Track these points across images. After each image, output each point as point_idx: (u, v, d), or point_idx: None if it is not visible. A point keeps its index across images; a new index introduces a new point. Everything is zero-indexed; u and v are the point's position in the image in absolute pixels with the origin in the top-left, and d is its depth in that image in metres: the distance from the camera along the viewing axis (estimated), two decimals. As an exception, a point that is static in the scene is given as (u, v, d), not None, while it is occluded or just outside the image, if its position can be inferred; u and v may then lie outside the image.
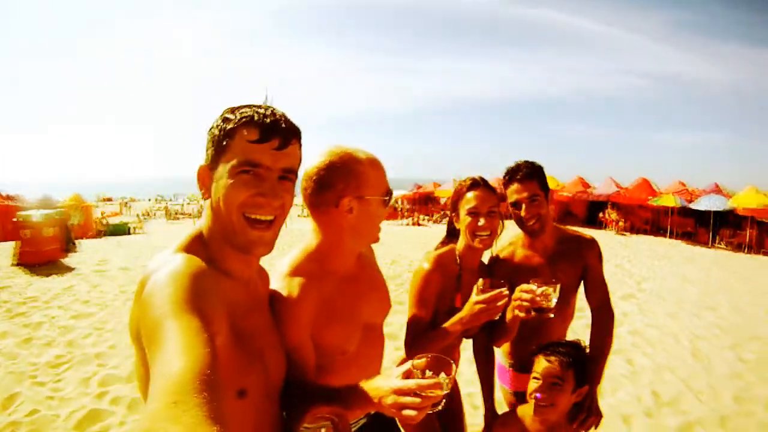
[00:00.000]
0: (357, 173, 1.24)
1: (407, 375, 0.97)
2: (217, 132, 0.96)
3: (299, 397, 1.13)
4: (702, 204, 17.56)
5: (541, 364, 1.65)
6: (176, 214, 29.19)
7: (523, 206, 1.88)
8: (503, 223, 1.81)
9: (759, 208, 15.97)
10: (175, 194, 46.88)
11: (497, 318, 1.61)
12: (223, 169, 0.95)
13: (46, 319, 5.99)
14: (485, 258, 2.01)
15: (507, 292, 1.53)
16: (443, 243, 1.94)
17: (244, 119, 0.94)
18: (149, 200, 44.85)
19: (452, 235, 1.91)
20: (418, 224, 22.14)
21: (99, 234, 17.83)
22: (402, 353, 1.84)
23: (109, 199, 42.91)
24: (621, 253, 13.54)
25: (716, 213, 17.22)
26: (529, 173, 1.88)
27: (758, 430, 3.61)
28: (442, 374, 0.97)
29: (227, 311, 0.92)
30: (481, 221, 1.71)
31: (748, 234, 16.61)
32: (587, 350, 1.74)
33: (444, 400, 0.94)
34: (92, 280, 8.53)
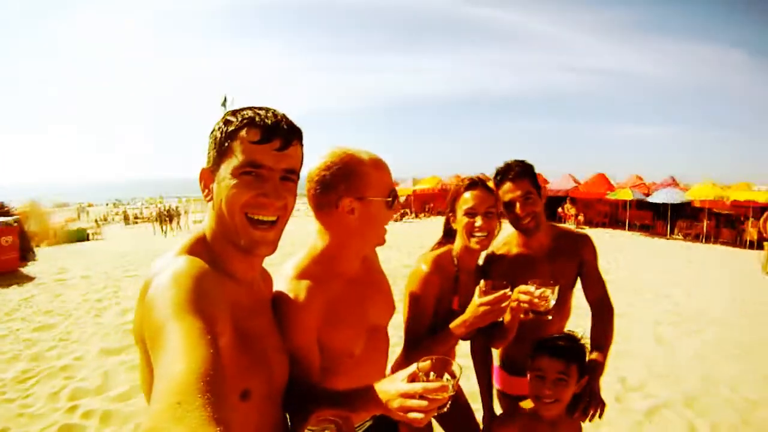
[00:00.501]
0: (358, 174, 1.23)
1: (412, 378, 0.97)
2: (218, 134, 0.96)
3: (304, 400, 1.12)
4: (659, 197, 18.25)
5: (543, 360, 1.60)
6: (134, 218, 28.47)
7: (518, 205, 1.85)
8: (501, 224, 1.79)
9: (715, 200, 16.69)
10: (133, 198, 45.60)
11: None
12: (225, 171, 0.95)
13: (9, 332, 5.73)
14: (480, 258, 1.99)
15: (510, 293, 1.52)
16: (440, 244, 1.92)
17: (245, 121, 0.94)
18: (106, 205, 43.68)
19: (449, 235, 1.88)
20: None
21: (57, 241, 17.18)
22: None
23: (65, 205, 41.30)
24: None
25: (673, 205, 17.93)
26: (521, 171, 1.86)
27: (724, 408, 3.79)
28: (447, 376, 0.97)
29: (230, 313, 0.92)
30: (479, 222, 1.69)
31: (705, 225, 17.38)
32: (583, 340, 1.72)
33: (449, 403, 0.94)
34: (53, 289, 8.22)
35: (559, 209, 20.97)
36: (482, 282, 1.54)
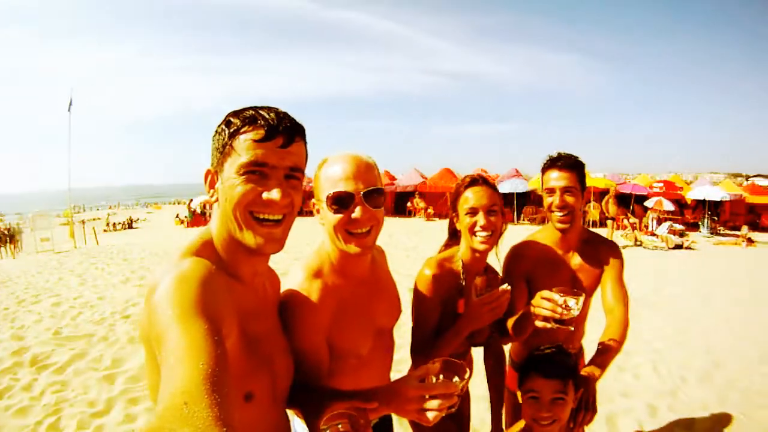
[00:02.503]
0: (318, 178, 1.26)
1: (422, 379, 1.02)
2: (221, 134, 0.96)
3: (316, 398, 1.12)
4: (505, 187, 20.14)
5: (536, 381, 1.51)
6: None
7: (557, 194, 1.82)
8: (506, 222, 1.73)
9: (605, 186, 18.39)
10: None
11: (503, 316, 1.59)
12: (229, 171, 0.95)
13: None
14: (499, 256, 1.89)
15: (508, 288, 1.52)
16: (446, 245, 1.87)
17: (247, 120, 0.94)
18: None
19: (454, 236, 1.82)
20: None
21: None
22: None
23: None
24: (436, 237, 14.68)
25: (518, 194, 20.11)
26: (570, 164, 1.83)
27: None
28: (456, 378, 1.02)
29: (236, 315, 0.93)
30: (481, 220, 1.63)
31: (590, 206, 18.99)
32: (572, 351, 1.64)
33: (458, 403, 0.99)
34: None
35: (408, 204, 22.42)
36: (477, 279, 1.54)
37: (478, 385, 2.34)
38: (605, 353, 1.68)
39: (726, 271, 10.31)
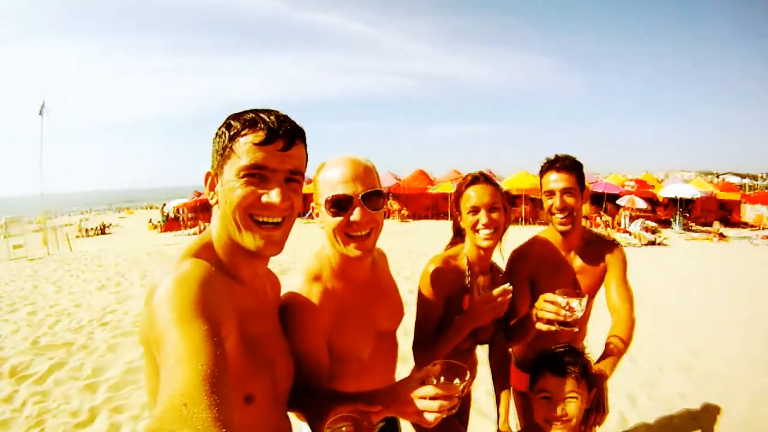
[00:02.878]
0: (317, 181, 1.27)
1: (423, 381, 1.02)
2: (221, 137, 0.96)
3: (319, 401, 1.12)
4: None
5: (549, 381, 1.48)
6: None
7: (557, 196, 1.82)
8: (509, 219, 1.73)
9: (531, 188, 19.02)
10: None
11: (508, 315, 1.59)
12: (229, 174, 0.95)
13: None
14: (503, 254, 1.89)
15: (510, 287, 1.52)
16: (451, 244, 1.88)
17: (247, 123, 0.94)
18: None
19: (459, 235, 1.84)
20: (205, 232, 21.14)
21: None
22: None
23: None
24: (407, 238, 15.29)
25: None
26: (568, 165, 1.83)
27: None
28: (457, 380, 1.02)
29: (236, 317, 0.93)
30: (484, 218, 1.63)
31: (523, 209, 19.93)
32: (585, 350, 1.59)
33: (458, 404, 0.99)
34: None
35: None
36: (481, 278, 1.56)
37: (484, 381, 2.37)
38: (613, 352, 1.67)
39: (699, 265, 10.60)
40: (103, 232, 24.09)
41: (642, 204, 17.62)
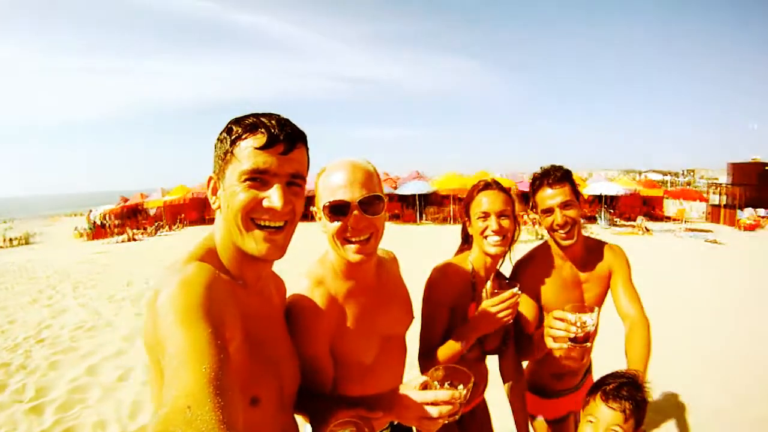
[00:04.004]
0: (317, 186, 1.27)
1: (425, 386, 1.02)
2: (223, 142, 0.97)
3: (322, 405, 1.14)
4: (407, 189, 20.56)
5: (600, 408, 1.40)
6: None
7: (557, 212, 1.76)
8: (519, 227, 1.71)
9: (459, 188, 19.28)
10: None
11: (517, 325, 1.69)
12: (230, 178, 0.95)
13: None
14: (508, 265, 1.85)
15: (518, 292, 1.48)
16: (459, 250, 1.84)
17: (248, 127, 0.94)
18: None
19: (467, 241, 1.81)
20: (134, 239, 19.77)
21: None
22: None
23: None
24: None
25: (420, 195, 20.53)
26: (560, 177, 1.77)
27: None
28: (460, 386, 1.01)
29: (240, 319, 0.92)
30: (493, 225, 1.60)
31: (451, 209, 20.28)
32: (646, 387, 1.44)
33: (461, 411, 0.98)
34: None
35: (311, 207, 22.01)
36: (489, 283, 1.52)
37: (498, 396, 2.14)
38: (640, 363, 1.60)
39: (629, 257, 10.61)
40: (27, 242, 22.51)
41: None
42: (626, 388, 1.42)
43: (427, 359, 1.60)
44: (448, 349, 1.55)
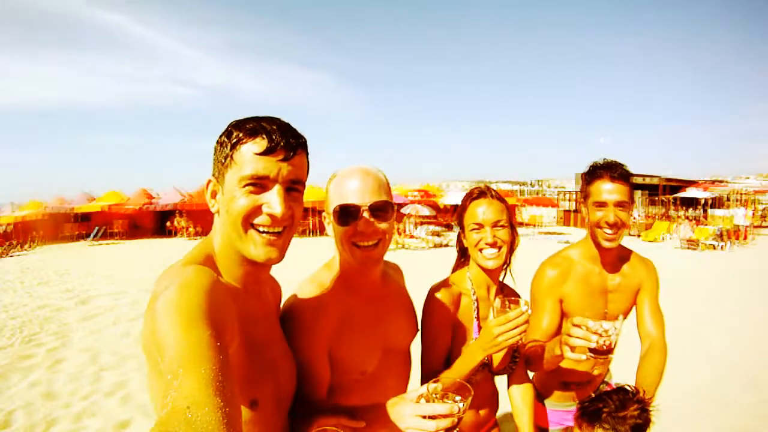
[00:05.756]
0: (327, 191, 1.28)
1: (422, 398, 1.00)
2: (222, 145, 0.97)
3: (307, 411, 1.13)
4: None
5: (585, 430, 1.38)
6: None
7: (610, 208, 1.65)
8: (517, 237, 1.60)
9: (318, 200, 18.91)
10: None
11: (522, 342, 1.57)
12: (230, 182, 0.95)
13: None
14: (513, 276, 1.74)
15: (526, 310, 1.33)
16: (456, 265, 1.75)
17: (249, 132, 0.94)
18: None
19: (464, 255, 1.69)
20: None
21: None
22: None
23: None
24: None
25: None
26: (625, 174, 1.67)
27: None
28: (458, 398, 0.99)
29: (239, 322, 0.93)
30: (488, 236, 1.51)
31: (311, 221, 20.34)
32: (650, 403, 1.39)
33: (458, 425, 0.95)
34: None
35: (168, 223, 21.28)
36: (497, 300, 1.39)
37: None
38: (650, 387, 1.57)
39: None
40: None
41: (426, 211, 19.18)
42: (629, 408, 1.34)
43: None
44: (453, 372, 1.42)
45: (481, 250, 1.53)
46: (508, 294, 1.68)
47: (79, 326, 7.10)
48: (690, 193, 22.05)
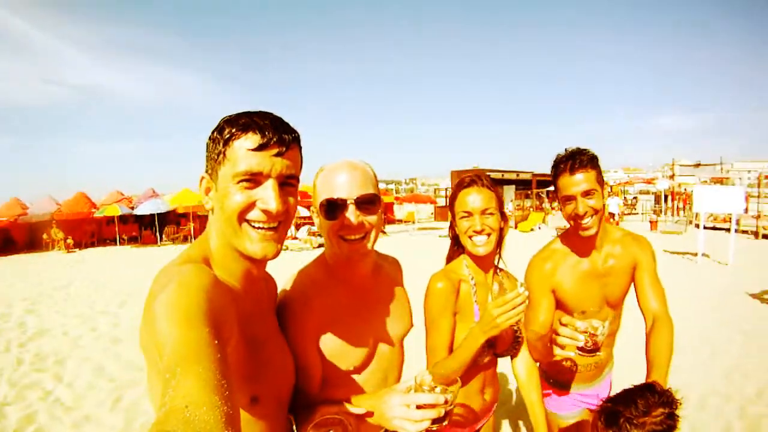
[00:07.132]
0: (314, 186, 1.27)
1: (411, 390, 1.03)
2: (215, 141, 0.95)
3: (309, 401, 1.15)
4: (144, 209, 19.03)
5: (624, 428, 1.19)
6: None
7: (578, 200, 1.64)
8: (507, 224, 1.65)
9: (197, 205, 18.41)
10: None
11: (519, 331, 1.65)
12: (223, 179, 0.94)
13: None
14: (506, 262, 1.79)
15: (523, 291, 1.33)
16: (451, 254, 1.79)
17: (241, 127, 0.93)
18: None
19: (457, 243, 1.73)
20: None
21: None
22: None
23: None
24: (80, 272, 12.93)
25: (159, 214, 19.25)
26: (585, 162, 1.63)
27: None
28: (446, 388, 1.01)
29: (236, 319, 0.92)
30: (477, 224, 1.55)
31: (191, 227, 19.32)
32: (678, 407, 1.22)
33: (447, 416, 0.97)
34: None
35: (44, 235, 19.77)
36: (495, 286, 1.47)
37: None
38: (663, 365, 1.54)
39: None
40: None
41: (305, 212, 19.62)
42: (656, 412, 1.19)
43: (437, 369, 1.55)
44: (459, 357, 1.47)
45: (470, 237, 1.57)
46: (504, 276, 1.75)
47: None
48: (559, 186, 24.91)
